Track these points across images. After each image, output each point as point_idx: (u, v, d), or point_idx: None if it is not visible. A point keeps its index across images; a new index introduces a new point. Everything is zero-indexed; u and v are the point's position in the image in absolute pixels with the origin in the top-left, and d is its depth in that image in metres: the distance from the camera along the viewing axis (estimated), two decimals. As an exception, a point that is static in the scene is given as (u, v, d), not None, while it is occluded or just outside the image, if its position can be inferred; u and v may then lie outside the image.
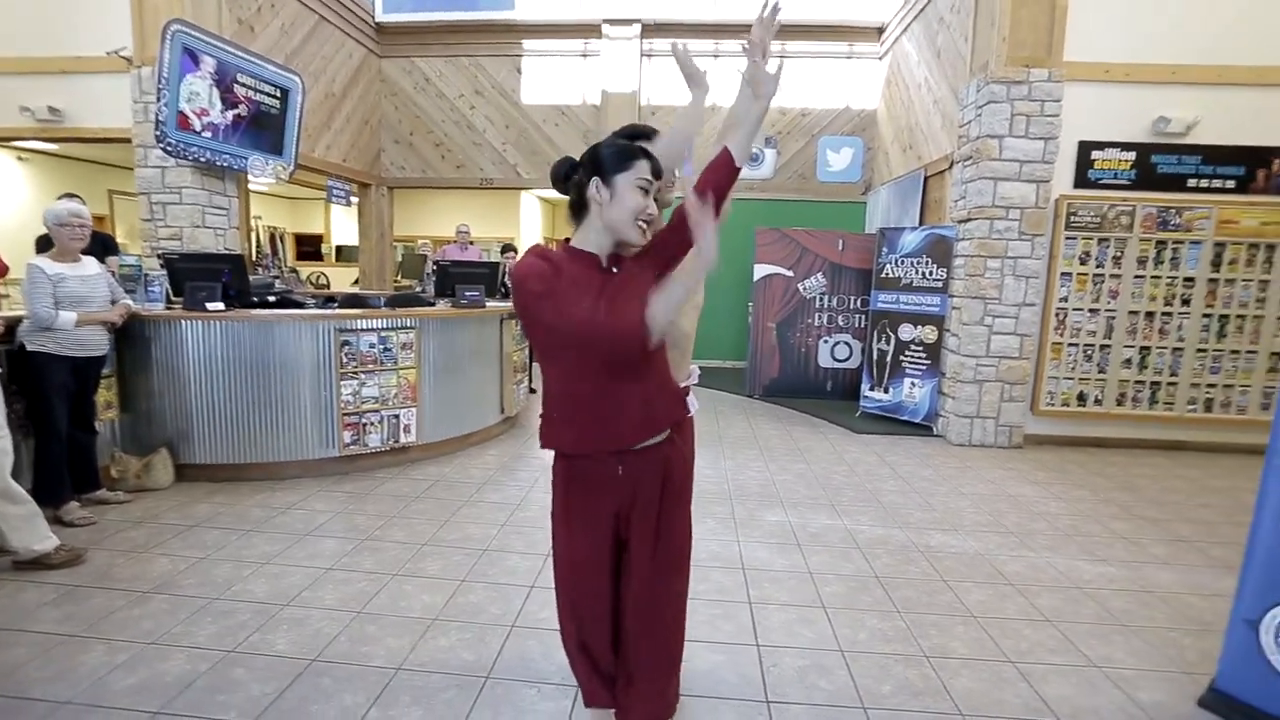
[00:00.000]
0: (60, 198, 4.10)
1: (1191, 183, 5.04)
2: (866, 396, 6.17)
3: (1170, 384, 5.19)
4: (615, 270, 1.44)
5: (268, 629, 2.37)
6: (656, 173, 1.41)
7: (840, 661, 2.28)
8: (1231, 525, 3.67)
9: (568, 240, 1.49)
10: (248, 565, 2.85)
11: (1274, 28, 4.84)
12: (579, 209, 1.46)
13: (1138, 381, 5.20)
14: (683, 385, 1.80)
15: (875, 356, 6.09)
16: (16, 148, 7.93)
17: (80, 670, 2.09)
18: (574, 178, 1.46)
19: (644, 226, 1.42)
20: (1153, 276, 5.09)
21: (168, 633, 2.32)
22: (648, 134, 1.70)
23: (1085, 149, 5.05)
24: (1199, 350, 5.14)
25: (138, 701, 1.95)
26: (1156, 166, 5.04)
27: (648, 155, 1.41)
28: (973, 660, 2.31)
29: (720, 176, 1.41)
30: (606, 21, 8.41)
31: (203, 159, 5.50)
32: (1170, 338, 5.14)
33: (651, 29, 8.52)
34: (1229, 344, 5.12)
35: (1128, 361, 5.19)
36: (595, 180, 1.40)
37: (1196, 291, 5.08)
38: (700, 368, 2.03)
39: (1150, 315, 5.13)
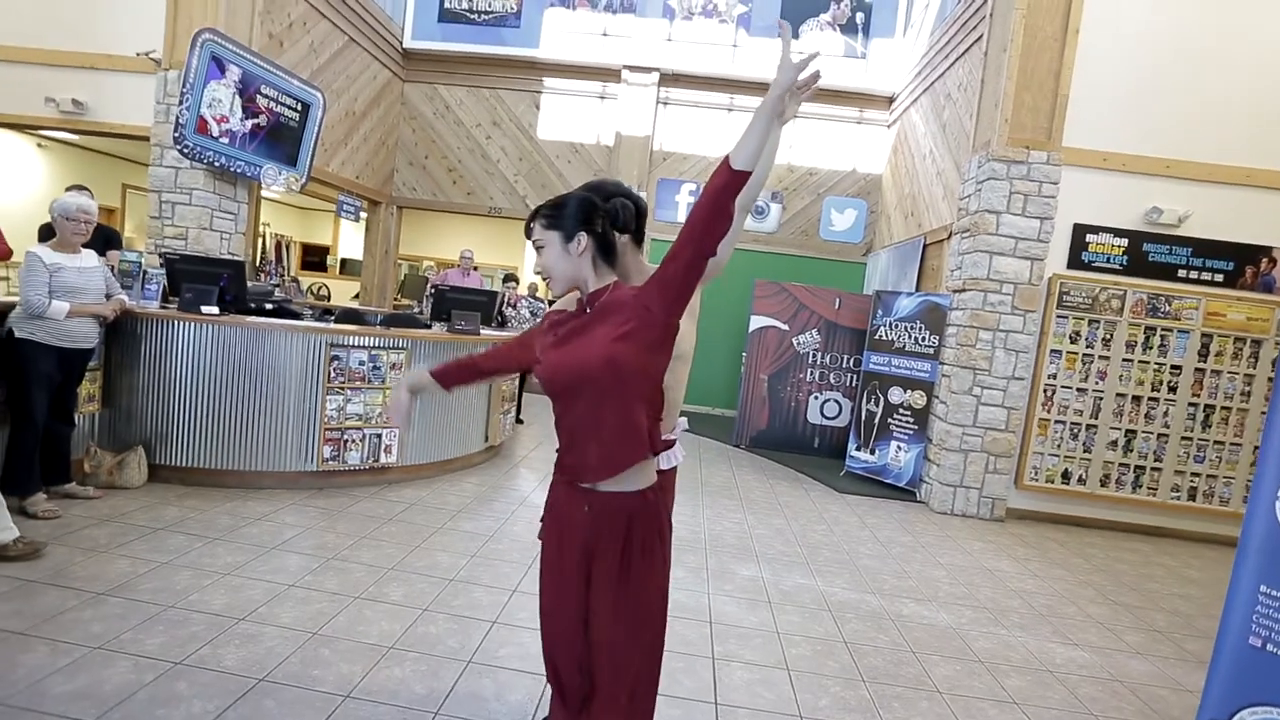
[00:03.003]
0: (69, 189, 4.15)
1: (1181, 273, 5.15)
2: (852, 456, 6.16)
3: (1155, 469, 5.19)
4: (589, 310, 1.53)
5: (219, 643, 2.31)
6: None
7: (799, 728, 2.23)
8: (1208, 618, 3.63)
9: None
10: (208, 575, 2.80)
11: (1259, 131, 5.01)
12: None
13: (1122, 464, 5.21)
14: (667, 438, 1.80)
15: (864, 417, 6.10)
16: (38, 135, 8.03)
17: (19, 670, 2.03)
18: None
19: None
20: (1140, 361, 5.15)
21: (116, 638, 2.26)
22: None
23: (1080, 231, 5.16)
24: (1184, 438, 5.16)
25: (73, 709, 1.89)
26: (1148, 254, 5.16)
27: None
28: (934, 738, 2.26)
29: (715, 177, 1.34)
30: (626, 68, 8.67)
31: (217, 163, 5.58)
32: (1156, 423, 5.17)
33: (669, 79, 8.77)
34: (1214, 434, 5.15)
35: (1113, 443, 5.21)
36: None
37: (1183, 380, 5.14)
38: (689, 413, 2.01)
39: (1137, 399, 5.18)
